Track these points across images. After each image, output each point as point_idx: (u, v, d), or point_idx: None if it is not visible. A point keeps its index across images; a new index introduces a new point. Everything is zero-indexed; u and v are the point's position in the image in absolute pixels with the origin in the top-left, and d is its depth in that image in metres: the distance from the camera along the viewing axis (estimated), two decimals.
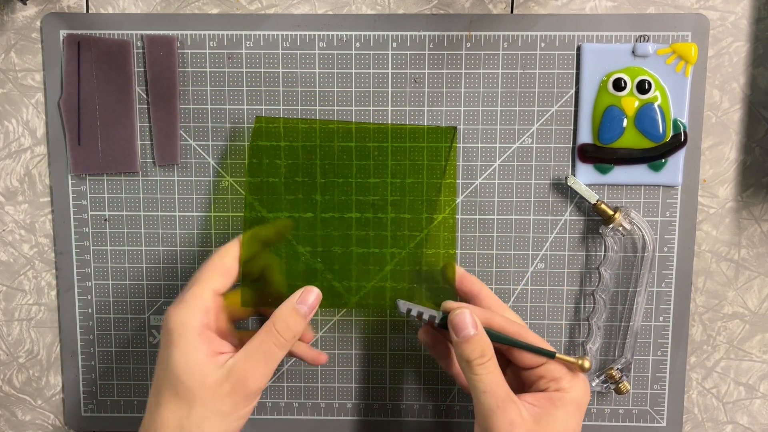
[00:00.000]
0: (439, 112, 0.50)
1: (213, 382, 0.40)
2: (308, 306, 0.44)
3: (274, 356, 0.42)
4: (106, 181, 0.51)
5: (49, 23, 0.49)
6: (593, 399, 0.52)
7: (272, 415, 0.53)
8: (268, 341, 0.42)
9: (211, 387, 0.40)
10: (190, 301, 0.42)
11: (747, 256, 0.51)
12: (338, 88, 0.49)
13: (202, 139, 0.50)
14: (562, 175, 0.50)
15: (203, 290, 0.43)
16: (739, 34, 0.49)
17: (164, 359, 0.42)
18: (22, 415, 0.54)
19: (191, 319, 0.41)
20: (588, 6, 0.49)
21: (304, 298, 0.43)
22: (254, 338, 0.42)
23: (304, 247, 0.51)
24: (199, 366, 0.41)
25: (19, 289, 0.53)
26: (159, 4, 0.50)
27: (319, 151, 0.50)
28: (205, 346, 0.41)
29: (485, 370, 0.42)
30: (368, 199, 0.50)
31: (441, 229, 0.50)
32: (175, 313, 0.42)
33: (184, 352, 0.41)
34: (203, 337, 0.41)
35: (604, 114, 0.49)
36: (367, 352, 0.52)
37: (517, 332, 0.43)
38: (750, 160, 0.51)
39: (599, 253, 0.51)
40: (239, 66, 0.49)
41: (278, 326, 0.42)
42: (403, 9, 0.49)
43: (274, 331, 0.42)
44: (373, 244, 0.51)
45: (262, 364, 0.41)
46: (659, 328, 0.51)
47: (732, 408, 0.53)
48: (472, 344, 0.42)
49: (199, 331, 0.41)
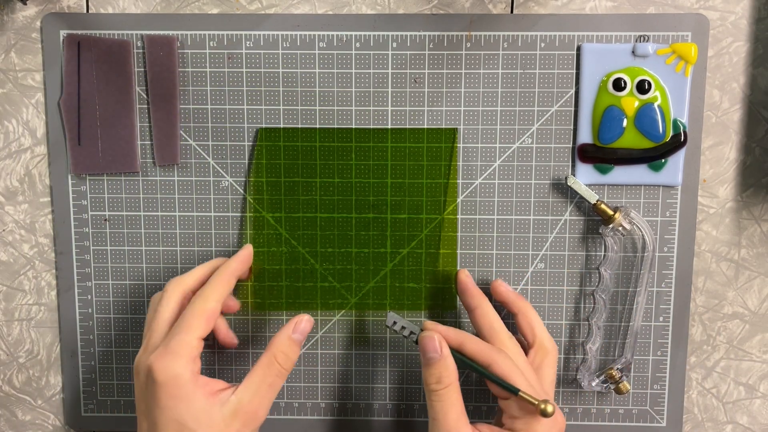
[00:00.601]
0: (439, 112, 0.50)
1: (221, 422, 0.41)
2: (303, 334, 0.45)
3: (276, 386, 0.43)
4: (106, 181, 0.51)
5: (49, 23, 0.49)
6: (593, 399, 0.52)
7: (272, 415, 0.53)
8: (271, 374, 0.43)
9: (220, 427, 0.41)
10: (179, 351, 0.41)
11: (747, 256, 0.51)
12: (338, 88, 0.49)
13: (202, 139, 0.50)
14: (562, 175, 0.50)
15: (190, 338, 0.42)
16: (739, 34, 0.49)
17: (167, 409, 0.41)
18: (22, 415, 0.54)
19: (183, 370, 0.41)
20: (588, 6, 0.49)
21: (298, 328, 0.45)
22: (256, 372, 0.43)
23: (304, 247, 0.51)
24: (204, 412, 0.41)
25: (19, 289, 0.53)
26: (159, 4, 0.50)
27: (319, 151, 0.50)
28: (203, 391, 0.41)
29: (438, 397, 0.43)
30: (368, 200, 0.50)
31: (441, 230, 0.50)
32: (163, 364, 0.41)
33: (185, 403, 0.41)
34: (199, 383, 0.41)
35: (604, 114, 0.49)
36: (367, 352, 0.52)
37: (489, 360, 0.43)
38: (750, 160, 0.51)
39: (599, 253, 0.51)
40: (239, 66, 0.49)
41: (279, 358, 0.43)
42: (403, 9, 0.49)
43: (276, 364, 0.43)
44: (373, 245, 0.51)
45: (267, 396, 0.43)
46: (659, 328, 0.51)
47: (732, 408, 0.53)
48: (431, 368, 0.43)
49: (192, 379, 0.41)
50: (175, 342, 0.42)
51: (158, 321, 0.44)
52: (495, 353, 0.44)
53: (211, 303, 0.44)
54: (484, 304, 0.47)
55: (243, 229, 0.51)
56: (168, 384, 0.41)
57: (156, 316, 0.44)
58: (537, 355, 0.47)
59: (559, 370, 0.52)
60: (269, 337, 0.52)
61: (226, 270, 0.46)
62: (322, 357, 0.52)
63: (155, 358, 0.41)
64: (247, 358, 0.52)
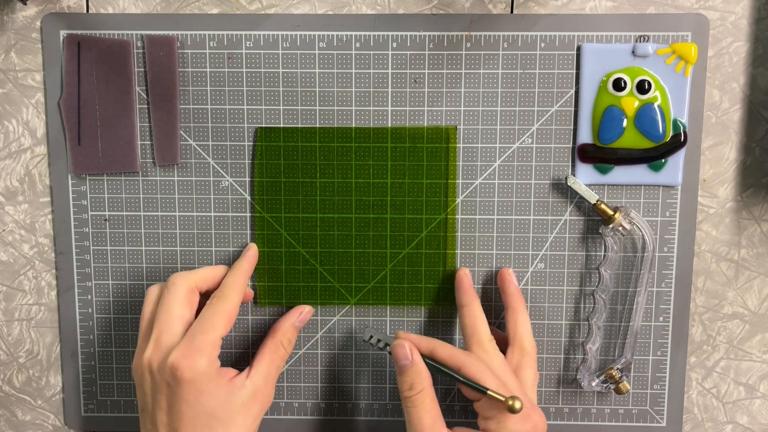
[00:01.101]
0: (439, 112, 0.50)
1: (242, 406, 0.44)
2: (303, 323, 0.50)
3: (280, 369, 0.47)
4: (106, 181, 0.51)
5: (49, 23, 0.49)
6: (593, 399, 0.52)
7: (272, 415, 0.53)
8: (278, 358, 0.47)
9: (242, 411, 0.44)
10: (205, 349, 0.43)
11: (747, 256, 0.51)
12: (338, 88, 0.49)
13: (202, 139, 0.50)
14: (562, 175, 0.50)
15: (214, 337, 0.43)
16: (739, 34, 0.49)
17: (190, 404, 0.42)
18: (22, 415, 0.54)
19: (209, 367, 0.43)
20: (588, 6, 0.49)
21: (301, 317, 0.49)
22: (263, 358, 0.46)
23: (304, 247, 0.51)
24: (228, 400, 0.43)
25: (19, 289, 0.53)
26: (159, 4, 0.50)
27: (319, 151, 0.50)
28: (225, 381, 0.43)
29: (412, 403, 0.44)
30: (368, 200, 0.50)
31: (441, 230, 0.50)
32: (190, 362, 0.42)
33: (212, 396, 0.43)
34: (220, 375, 0.43)
35: (604, 114, 0.49)
36: (367, 352, 0.52)
37: (459, 364, 0.44)
38: (750, 160, 0.51)
39: (599, 253, 0.51)
40: (239, 66, 0.49)
41: (284, 344, 0.47)
42: (403, 9, 0.49)
43: (282, 348, 0.47)
44: (373, 245, 0.51)
45: (275, 378, 0.46)
46: (659, 328, 0.51)
47: (732, 408, 0.53)
48: (403, 376, 0.45)
49: (216, 373, 0.43)
50: (200, 340, 0.43)
51: (169, 316, 0.44)
52: (464, 356, 0.45)
53: (232, 303, 0.45)
54: (473, 304, 0.48)
55: (254, 229, 0.51)
56: (195, 381, 0.42)
57: (165, 311, 0.44)
58: (514, 355, 0.47)
59: (559, 370, 0.52)
60: None
61: (240, 271, 0.48)
62: (322, 357, 0.52)
63: (181, 357, 0.42)
64: (247, 358, 0.52)
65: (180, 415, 0.42)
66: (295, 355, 0.52)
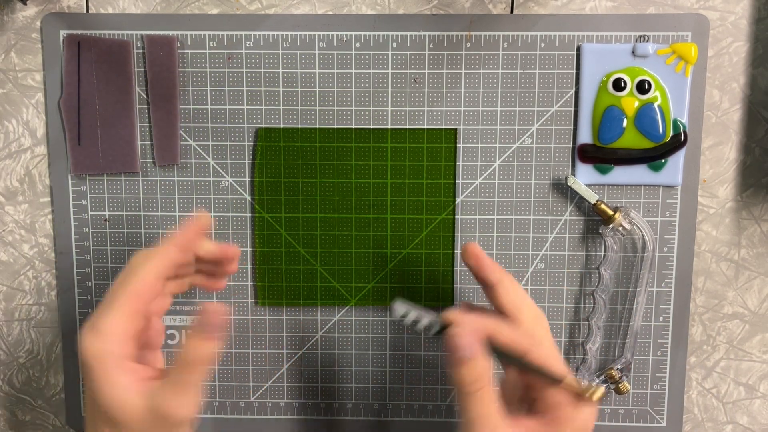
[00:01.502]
0: (439, 112, 0.50)
1: (139, 413, 0.37)
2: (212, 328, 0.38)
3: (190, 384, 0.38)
4: (106, 181, 0.51)
5: (49, 23, 0.49)
6: None
7: (272, 415, 0.53)
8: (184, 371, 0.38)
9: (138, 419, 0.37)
10: (105, 331, 0.37)
11: (747, 256, 0.51)
12: (338, 88, 0.49)
13: (202, 139, 0.50)
14: (562, 175, 0.50)
15: (120, 318, 0.38)
16: (739, 34, 0.49)
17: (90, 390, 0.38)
18: (22, 415, 0.54)
19: (108, 353, 0.37)
20: (588, 6, 0.49)
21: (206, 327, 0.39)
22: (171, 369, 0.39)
23: (304, 247, 0.51)
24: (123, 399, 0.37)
25: (19, 289, 0.53)
26: (159, 4, 0.50)
27: (319, 151, 0.50)
28: (126, 378, 0.38)
29: (475, 399, 0.38)
30: (368, 200, 0.50)
31: (441, 230, 0.50)
32: (90, 343, 0.37)
33: (107, 386, 0.37)
34: (124, 368, 0.38)
35: (604, 114, 0.49)
36: (367, 352, 0.52)
37: (526, 349, 0.39)
38: (750, 160, 0.51)
39: (599, 253, 0.51)
40: (239, 66, 0.49)
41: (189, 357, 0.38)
42: (403, 9, 0.49)
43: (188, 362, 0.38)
44: (373, 245, 0.51)
45: (181, 393, 0.38)
46: (659, 328, 0.51)
47: (732, 408, 0.53)
48: (466, 368, 0.38)
49: (117, 363, 0.38)
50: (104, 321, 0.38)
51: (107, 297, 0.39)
52: (526, 339, 0.40)
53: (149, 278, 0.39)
54: (506, 279, 0.42)
55: (254, 229, 0.51)
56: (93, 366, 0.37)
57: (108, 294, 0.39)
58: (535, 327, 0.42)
59: None
60: (269, 337, 0.52)
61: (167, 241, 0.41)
62: (322, 357, 0.52)
63: (84, 334, 0.38)
64: (247, 358, 0.52)
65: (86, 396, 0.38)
66: (295, 355, 0.52)
